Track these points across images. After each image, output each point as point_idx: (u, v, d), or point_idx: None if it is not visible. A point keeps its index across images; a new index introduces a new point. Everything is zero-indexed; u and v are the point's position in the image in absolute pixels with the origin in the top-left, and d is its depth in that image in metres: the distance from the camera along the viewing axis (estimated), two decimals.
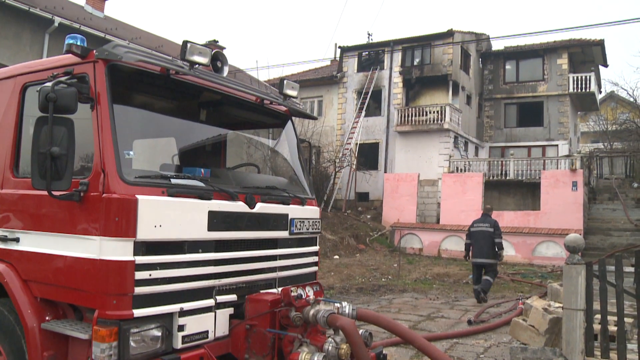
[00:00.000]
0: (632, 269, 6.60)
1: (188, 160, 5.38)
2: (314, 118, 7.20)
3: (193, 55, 4.42)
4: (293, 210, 5.35)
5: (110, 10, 62.23)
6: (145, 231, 3.91)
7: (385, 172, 29.26)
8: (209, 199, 4.38)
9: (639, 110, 36.60)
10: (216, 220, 4.41)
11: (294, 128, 6.11)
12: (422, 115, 29.07)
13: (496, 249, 12.82)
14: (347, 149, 29.22)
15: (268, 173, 6.63)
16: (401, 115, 29.59)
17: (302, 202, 5.56)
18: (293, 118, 6.13)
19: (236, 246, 4.67)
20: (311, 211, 5.69)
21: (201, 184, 4.44)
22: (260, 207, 4.89)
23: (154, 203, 3.99)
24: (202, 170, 4.68)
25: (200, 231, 4.30)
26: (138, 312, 3.86)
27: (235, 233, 4.63)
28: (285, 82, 5.68)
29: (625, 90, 46.34)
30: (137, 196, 3.90)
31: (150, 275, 3.93)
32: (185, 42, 4.39)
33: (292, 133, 6.07)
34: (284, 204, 5.26)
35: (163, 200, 4.07)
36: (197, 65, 4.49)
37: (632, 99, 38.49)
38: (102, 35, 18.85)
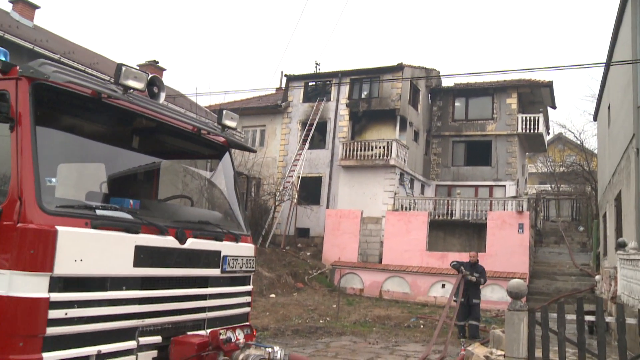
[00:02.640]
0: (574, 317, 6.76)
1: (117, 189, 5.29)
2: (253, 151, 7.21)
3: (127, 79, 4.38)
4: (226, 247, 5.33)
5: (40, 19, 60.84)
6: (64, 266, 3.79)
7: (327, 207, 29.34)
8: (137, 232, 4.31)
9: (585, 153, 38.07)
10: (143, 256, 4.33)
11: (232, 160, 6.12)
12: (368, 150, 29.41)
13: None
14: (289, 182, 29.24)
15: (202, 206, 6.57)
16: (346, 149, 29.86)
17: (236, 238, 5.55)
18: (231, 149, 6.12)
19: (163, 284, 4.59)
20: (245, 248, 5.68)
21: (129, 216, 4.37)
22: (192, 243, 4.85)
23: (75, 235, 3.89)
24: (131, 201, 4.62)
25: (125, 267, 4.20)
26: (48, 356, 3.69)
27: (163, 270, 4.56)
28: (224, 112, 5.69)
29: (572, 132, 48.47)
30: (57, 227, 3.79)
31: (66, 314, 3.79)
32: (119, 65, 4.34)
33: (229, 165, 6.07)
34: (216, 240, 5.24)
35: (86, 232, 3.97)
36: (131, 90, 4.45)
37: (578, 142, 40.20)
38: (30, 46, 18.18)
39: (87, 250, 3.94)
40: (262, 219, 27.54)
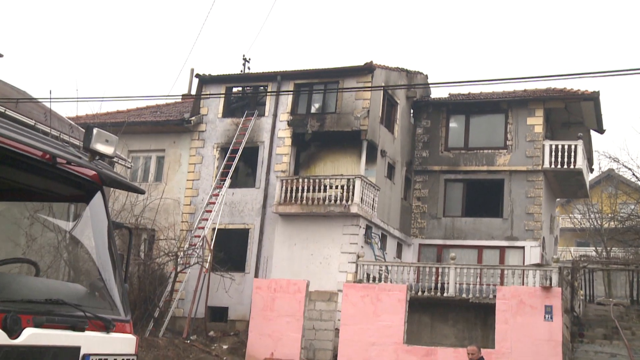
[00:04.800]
0: None
1: None
2: (140, 192, 7.13)
3: None
4: (90, 341, 5.23)
5: None
6: None
7: (256, 276, 29.16)
8: None
9: None
10: None
11: (106, 204, 6.03)
12: (319, 190, 29.34)
13: None
14: (199, 235, 28.99)
15: (55, 276, 6.44)
16: (287, 188, 29.79)
17: (107, 326, 5.47)
18: (106, 188, 6.04)
19: None
20: (122, 341, 5.62)
21: None
22: (31, 336, 4.70)
23: None
24: None
25: None
26: None
27: None
28: (95, 131, 5.60)
29: (629, 169, 48.49)
30: None
31: None
32: None
33: (101, 211, 6.01)
34: (74, 329, 5.12)
35: None
36: None
37: (639, 183, 40.11)
38: None
39: None
40: (156, 293, 27.22)
